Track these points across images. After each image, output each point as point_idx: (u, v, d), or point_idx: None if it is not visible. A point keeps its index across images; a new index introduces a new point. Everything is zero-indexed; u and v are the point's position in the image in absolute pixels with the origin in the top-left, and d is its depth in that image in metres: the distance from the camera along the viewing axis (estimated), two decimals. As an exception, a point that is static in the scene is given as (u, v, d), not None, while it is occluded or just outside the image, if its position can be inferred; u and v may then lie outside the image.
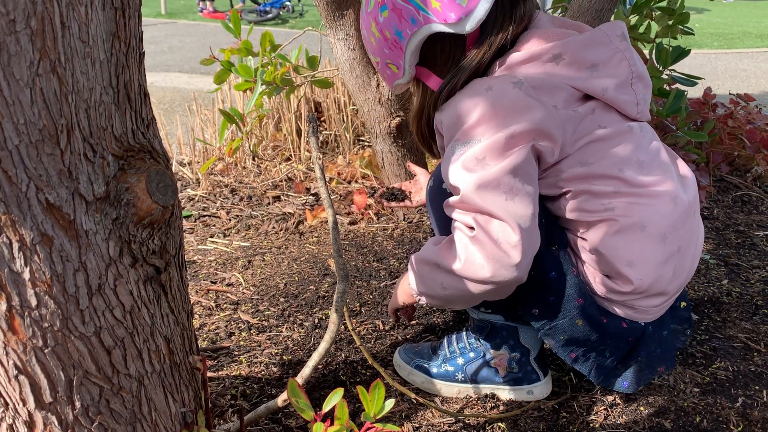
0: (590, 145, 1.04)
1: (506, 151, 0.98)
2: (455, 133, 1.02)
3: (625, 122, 1.07)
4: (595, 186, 1.04)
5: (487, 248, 0.98)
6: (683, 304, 1.20)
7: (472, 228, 0.99)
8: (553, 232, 1.09)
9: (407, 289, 1.19)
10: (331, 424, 0.78)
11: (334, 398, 0.79)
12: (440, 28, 1.02)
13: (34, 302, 0.65)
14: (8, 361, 0.67)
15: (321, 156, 1.29)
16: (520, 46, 1.05)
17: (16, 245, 0.63)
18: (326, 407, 0.79)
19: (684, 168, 1.15)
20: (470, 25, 1.01)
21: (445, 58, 1.08)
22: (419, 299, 1.13)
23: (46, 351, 0.67)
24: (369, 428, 0.78)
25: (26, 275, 0.64)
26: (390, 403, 0.79)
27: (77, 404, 0.71)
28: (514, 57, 1.03)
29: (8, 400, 0.70)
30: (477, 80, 1.04)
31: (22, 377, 0.68)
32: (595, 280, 1.09)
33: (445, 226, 1.15)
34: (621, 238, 1.04)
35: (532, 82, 1.00)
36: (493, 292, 1.02)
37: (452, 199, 1.03)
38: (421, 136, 1.20)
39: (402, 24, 1.04)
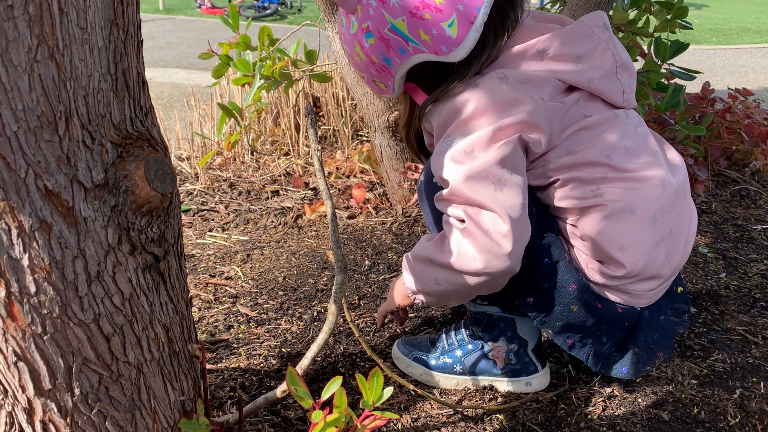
0: (577, 134, 1.05)
1: (493, 142, 0.99)
2: (445, 129, 1.04)
3: (611, 110, 1.09)
4: (584, 173, 1.05)
5: (479, 239, 0.98)
6: (680, 289, 1.21)
7: (462, 220, 1.00)
8: (543, 220, 1.10)
9: (402, 290, 1.19)
10: (330, 412, 0.78)
11: (333, 386, 0.79)
12: (430, 57, 1.03)
13: (33, 289, 0.65)
14: (7, 348, 0.67)
15: (320, 148, 1.29)
16: (508, 41, 1.06)
17: (14, 231, 0.63)
18: (325, 395, 0.79)
19: (672, 153, 1.16)
20: (460, 55, 1.01)
21: (434, 79, 1.09)
22: (415, 298, 1.13)
23: (45, 338, 0.67)
24: (367, 416, 0.78)
25: (25, 261, 0.64)
26: (388, 392, 0.79)
27: (76, 391, 0.71)
28: (501, 57, 1.05)
29: (7, 387, 0.70)
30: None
31: (21, 364, 0.68)
32: (588, 266, 1.09)
33: (438, 219, 1.15)
34: (611, 223, 1.05)
35: (517, 77, 1.01)
36: (487, 285, 1.02)
37: (442, 193, 1.03)
38: (409, 144, 1.23)
39: (390, 53, 1.05)
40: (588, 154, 1.05)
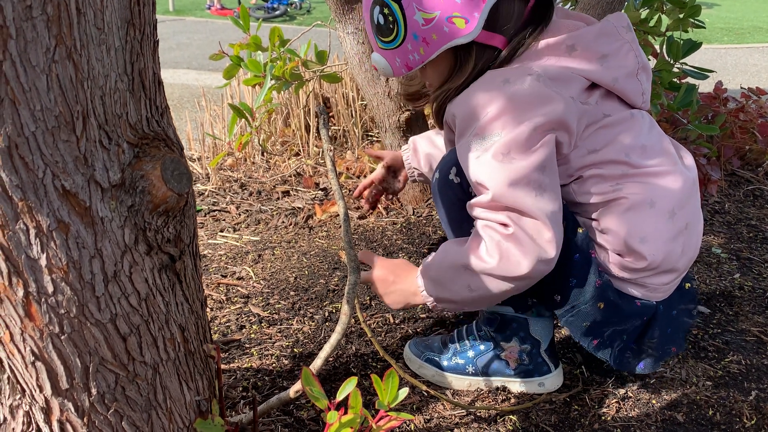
0: (597, 132, 1.06)
1: (532, 145, 0.98)
2: (471, 127, 1.01)
3: (627, 110, 1.10)
4: (604, 170, 1.06)
5: (526, 245, 0.97)
6: (687, 285, 1.21)
7: (505, 225, 0.98)
8: (570, 217, 1.09)
9: (415, 299, 1.13)
10: (345, 413, 0.78)
11: (348, 387, 0.79)
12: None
13: (50, 289, 0.66)
14: (25, 348, 0.67)
15: (332, 148, 1.29)
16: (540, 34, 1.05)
17: (32, 231, 0.64)
18: (340, 396, 0.79)
19: (684, 153, 1.17)
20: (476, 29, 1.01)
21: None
22: (435, 306, 1.10)
23: (62, 337, 0.68)
24: (383, 417, 0.78)
25: (43, 261, 0.65)
26: (404, 392, 0.79)
27: (93, 391, 0.71)
28: (532, 48, 1.04)
29: (25, 386, 0.70)
30: (492, 72, 1.03)
31: (38, 363, 0.68)
32: (609, 260, 1.09)
33: (455, 218, 1.14)
34: (632, 216, 1.05)
35: (549, 74, 1.00)
36: (520, 289, 1.02)
37: (480, 199, 1.01)
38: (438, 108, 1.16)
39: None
40: (608, 152, 1.05)
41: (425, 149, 1.40)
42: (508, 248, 0.98)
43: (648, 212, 1.05)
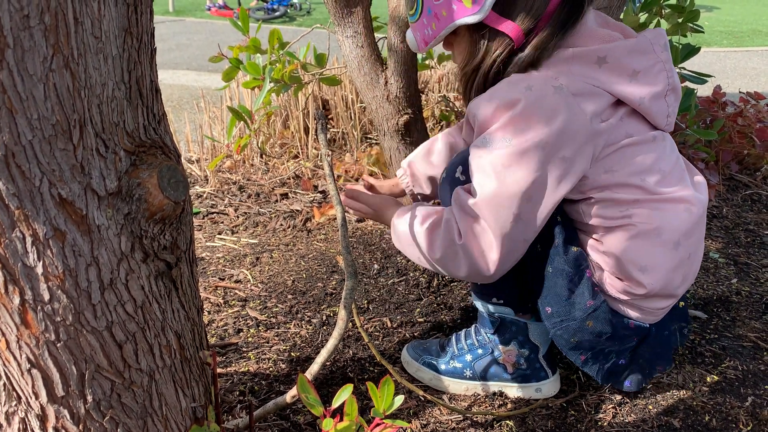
0: (616, 153, 1.04)
1: (530, 164, 0.98)
2: (487, 127, 1.02)
3: (650, 131, 1.07)
4: (617, 194, 1.04)
5: (471, 257, 1.03)
6: (681, 303, 1.21)
7: (462, 235, 1.03)
8: (568, 232, 1.09)
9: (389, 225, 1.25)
10: (341, 419, 0.78)
11: (344, 394, 0.79)
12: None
13: (46, 296, 0.66)
14: (21, 355, 0.68)
15: (330, 153, 1.29)
16: (571, 40, 1.03)
17: (29, 240, 0.64)
18: (335, 403, 0.79)
19: (698, 177, 1.16)
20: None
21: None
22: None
23: (58, 345, 0.68)
24: (378, 424, 0.78)
25: (39, 269, 0.65)
26: (399, 399, 0.79)
27: (89, 398, 0.71)
28: (561, 54, 1.02)
29: (21, 393, 0.70)
30: (517, 76, 1.02)
31: (34, 371, 0.68)
32: (606, 281, 1.09)
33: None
34: (636, 244, 1.05)
35: (572, 88, 0.99)
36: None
37: (463, 197, 1.04)
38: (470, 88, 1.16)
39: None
40: (624, 175, 1.04)
41: (425, 171, 1.37)
42: (455, 252, 1.04)
43: (653, 242, 1.05)
